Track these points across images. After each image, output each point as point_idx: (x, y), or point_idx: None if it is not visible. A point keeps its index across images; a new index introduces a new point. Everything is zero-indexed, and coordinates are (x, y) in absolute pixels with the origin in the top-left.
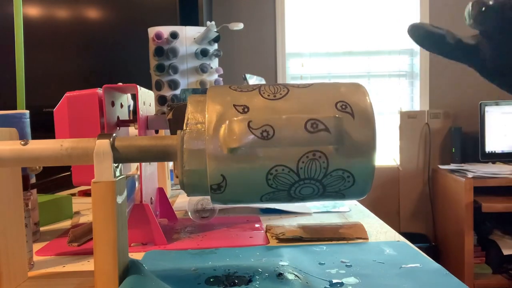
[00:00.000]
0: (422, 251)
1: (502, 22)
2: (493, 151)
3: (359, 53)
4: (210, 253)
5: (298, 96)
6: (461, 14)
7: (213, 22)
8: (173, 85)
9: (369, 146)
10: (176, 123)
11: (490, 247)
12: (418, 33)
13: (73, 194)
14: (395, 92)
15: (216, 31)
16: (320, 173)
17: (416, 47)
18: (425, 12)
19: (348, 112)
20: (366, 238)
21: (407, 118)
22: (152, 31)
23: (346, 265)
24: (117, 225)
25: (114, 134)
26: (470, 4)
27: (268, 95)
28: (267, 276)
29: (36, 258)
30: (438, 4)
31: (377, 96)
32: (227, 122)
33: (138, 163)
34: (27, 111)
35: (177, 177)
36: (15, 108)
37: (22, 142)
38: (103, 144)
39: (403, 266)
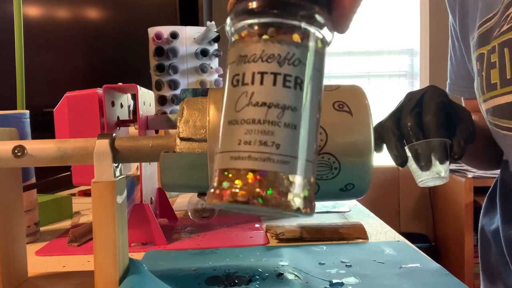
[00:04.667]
0: (422, 251)
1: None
2: None
3: (359, 53)
4: (210, 253)
5: None
6: None
7: (213, 22)
8: (173, 85)
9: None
10: None
11: None
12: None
13: (73, 194)
14: (395, 92)
15: (216, 31)
16: None
17: (416, 47)
18: (425, 12)
19: (346, 111)
20: (366, 238)
21: None
22: (152, 31)
23: (346, 265)
24: (117, 225)
25: (114, 134)
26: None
27: None
28: (267, 276)
29: (36, 258)
30: (438, 4)
31: (377, 96)
32: None
33: (138, 163)
34: (27, 111)
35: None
36: (15, 108)
37: (18, 152)
38: (103, 144)
39: (403, 266)
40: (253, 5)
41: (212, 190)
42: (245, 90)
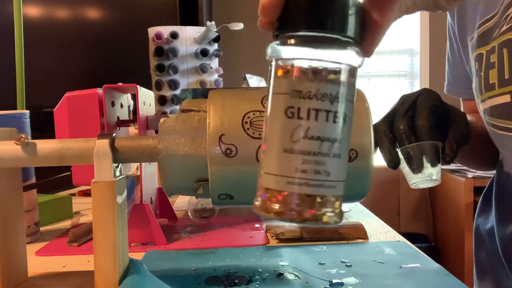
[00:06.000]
0: (422, 251)
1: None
2: None
3: None
4: (210, 253)
5: None
6: None
7: (213, 22)
8: (173, 85)
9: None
10: None
11: None
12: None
13: (73, 194)
14: (395, 92)
15: (216, 31)
16: None
17: (416, 47)
18: (425, 12)
19: None
20: (366, 238)
21: None
22: (152, 31)
23: (346, 265)
24: (117, 225)
25: (114, 134)
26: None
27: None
28: (267, 276)
29: (36, 258)
30: None
31: (377, 96)
32: None
33: (138, 163)
34: (27, 111)
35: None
36: (15, 108)
37: (21, 139)
38: (103, 144)
39: (403, 266)
40: (309, 40)
41: (268, 205)
42: (300, 123)
